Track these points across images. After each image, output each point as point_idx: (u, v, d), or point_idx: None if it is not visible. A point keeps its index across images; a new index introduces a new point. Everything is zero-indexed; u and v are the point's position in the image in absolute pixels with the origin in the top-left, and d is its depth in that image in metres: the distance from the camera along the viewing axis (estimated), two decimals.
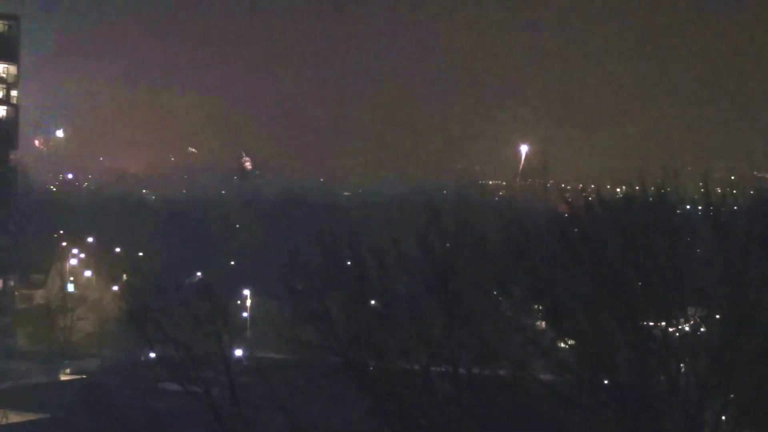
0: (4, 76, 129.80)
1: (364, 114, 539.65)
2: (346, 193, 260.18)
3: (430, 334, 40.58)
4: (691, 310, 39.63)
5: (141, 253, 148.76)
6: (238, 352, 57.19)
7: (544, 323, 42.82)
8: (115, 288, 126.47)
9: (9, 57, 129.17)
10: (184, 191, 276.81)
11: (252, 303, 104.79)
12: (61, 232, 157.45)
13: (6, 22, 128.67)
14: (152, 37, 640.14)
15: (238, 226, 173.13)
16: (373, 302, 43.50)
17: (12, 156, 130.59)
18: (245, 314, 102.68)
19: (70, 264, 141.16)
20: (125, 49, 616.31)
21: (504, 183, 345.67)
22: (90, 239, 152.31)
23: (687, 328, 39.28)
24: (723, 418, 38.43)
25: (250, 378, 45.59)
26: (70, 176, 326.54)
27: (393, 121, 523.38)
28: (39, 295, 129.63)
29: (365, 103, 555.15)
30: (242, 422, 42.03)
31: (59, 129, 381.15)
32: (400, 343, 40.56)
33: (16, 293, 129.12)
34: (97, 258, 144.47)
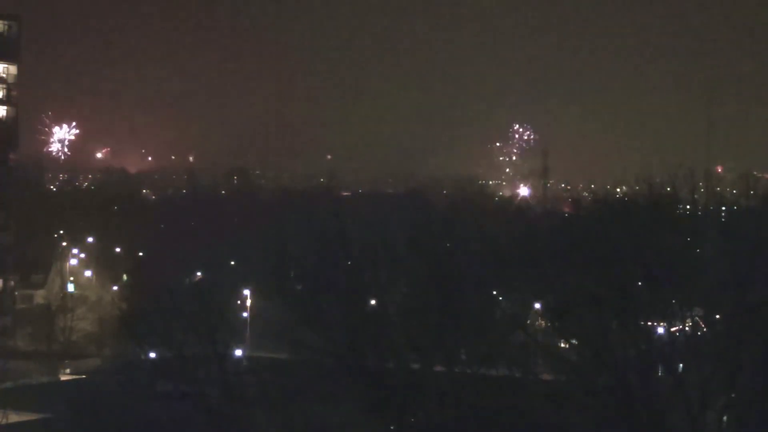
0: (4, 76, 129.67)
1: (364, 114, 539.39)
2: (345, 193, 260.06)
3: (428, 334, 40.42)
4: (693, 311, 39.51)
5: (141, 253, 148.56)
6: (238, 352, 56.98)
7: (544, 322, 42.72)
8: (115, 288, 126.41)
9: (9, 57, 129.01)
10: (184, 191, 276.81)
11: (252, 303, 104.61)
12: (61, 232, 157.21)
13: (6, 22, 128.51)
14: (153, 37, 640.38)
15: (237, 225, 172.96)
16: (371, 302, 43.36)
17: (12, 156, 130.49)
18: (245, 314, 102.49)
19: (70, 264, 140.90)
20: (125, 50, 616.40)
21: (504, 183, 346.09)
22: (90, 239, 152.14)
23: (689, 329, 39.15)
24: (725, 418, 38.29)
25: (248, 378, 45.41)
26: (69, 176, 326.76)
27: (393, 121, 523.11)
28: (39, 295, 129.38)
29: (365, 103, 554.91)
30: (240, 422, 41.85)
31: (59, 128, 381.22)
32: (397, 343, 40.40)
33: (16, 293, 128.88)
34: (97, 258, 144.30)
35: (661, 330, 38.87)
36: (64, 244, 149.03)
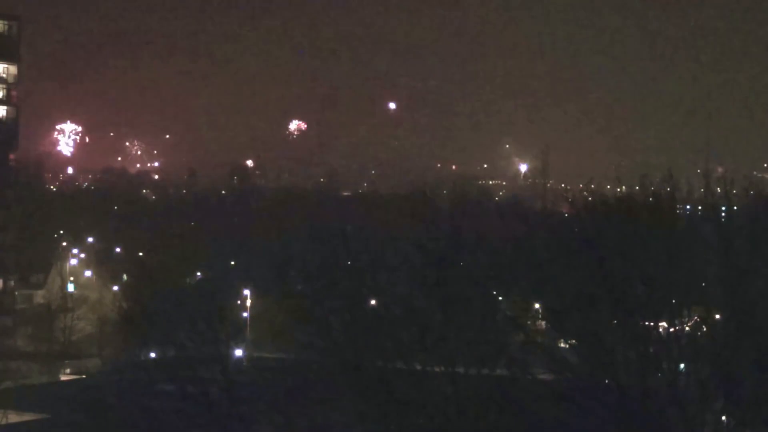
0: (4, 76, 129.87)
1: (364, 113, 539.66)
2: (345, 193, 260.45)
3: (428, 334, 40.47)
4: (692, 311, 39.56)
5: (141, 253, 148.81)
6: (238, 352, 57.11)
7: (544, 323, 42.79)
8: (115, 288, 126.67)
9: (9, 57, 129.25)
10: (184, 191, 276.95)
11: (252, 303, 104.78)
12: (61, 232, 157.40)
13: (6, 22, 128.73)
14: (152, 36, 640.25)
15: (237, 225, 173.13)
16: (372, 302, 43.42)
17: (12, 156, 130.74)
18: (245, 314, 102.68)
19: (70, 264, 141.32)
20: (125, 49, 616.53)
21: (504, 183, 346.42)
22: (90, 239, 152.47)
23: (687, 328, 39.20)
24: (723, 418, 38.34)
25: (248, 378, 45.47)
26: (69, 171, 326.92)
27: (393, 121, 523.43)
28: (39, 295, 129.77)
29: (364, 103, 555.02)
30: (241, 423, 41.91)
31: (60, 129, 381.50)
32: (398, 343, 40.44)
33: (16, 293, 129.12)
34: (97, 258, 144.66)
35: (659, 330, 38.92)
36: (64, 244, 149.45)
